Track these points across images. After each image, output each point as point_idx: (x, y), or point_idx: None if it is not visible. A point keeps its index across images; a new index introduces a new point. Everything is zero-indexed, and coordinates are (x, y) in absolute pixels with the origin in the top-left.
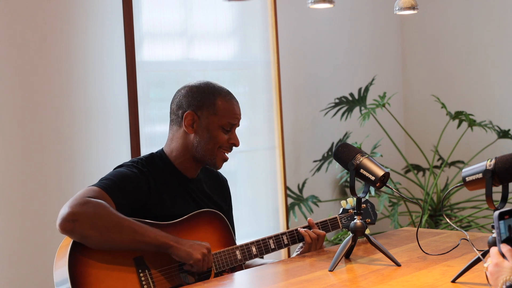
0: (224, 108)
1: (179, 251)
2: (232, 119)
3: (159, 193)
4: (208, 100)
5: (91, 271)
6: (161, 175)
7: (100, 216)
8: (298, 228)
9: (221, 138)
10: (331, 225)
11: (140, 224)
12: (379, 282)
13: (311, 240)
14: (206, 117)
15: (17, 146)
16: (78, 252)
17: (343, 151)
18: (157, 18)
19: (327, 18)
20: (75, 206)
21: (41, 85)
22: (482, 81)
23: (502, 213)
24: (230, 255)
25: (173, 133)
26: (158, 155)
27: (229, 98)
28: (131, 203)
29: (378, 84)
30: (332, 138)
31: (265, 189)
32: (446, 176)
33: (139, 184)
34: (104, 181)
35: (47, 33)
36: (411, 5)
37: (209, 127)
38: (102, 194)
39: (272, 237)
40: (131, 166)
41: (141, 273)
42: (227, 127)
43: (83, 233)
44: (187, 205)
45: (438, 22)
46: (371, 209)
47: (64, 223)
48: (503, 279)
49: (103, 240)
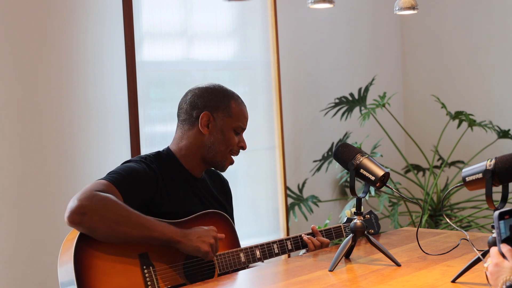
0: (238, 111)
1: (187, 247)
2: (243, 122)
3: (166, 190)
4: (223, 102)
5: (97, 263)
6: (168, 173)
7: (108, 209)
8: (302, 235)
9: (233, 141)
10: (335, 233)
11: (148, 218)
12: (379, 282)
13: (315, 247)
14: (221, 118)
15: (17, 146)
16: (85, 244)
17: (343, 151)
18: (157, 18)
19: (327, 18)
20: (84, 199)
21: (41, 85)
22: (482, 81)
23: (502, 213)
24: (234, 257)
25: (184, 132)
26: (165, 153)
27: (241, 101)
28: (139, 197)
29: (378, 84)
30: (332, 138)
31: (265, 189)
32: (446, 176)
33: (148, 179)
34: (112, 175)
35: (47, 33)
36: (411, 5)
37: (224, 129)
38: (111, 187)
39: (276, 242)
40: (139, 161)
41: (145, 270)
42: (239, 130)
43: (91, 225)
44: (192, 204)
45: (438, 22)
46: (375, 220)
47: (73, 215)
48: (503, 279)
49: (111, 233)
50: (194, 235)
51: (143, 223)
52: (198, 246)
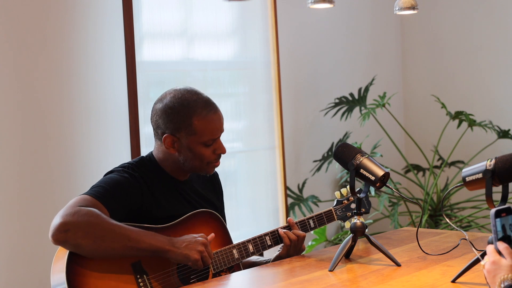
0: (202, 127)
1: (176, 255)
2: (212, 135)
3: (152, 196)
4: (183, 122)
5: (89, 281)
6: (152, 178)
7: (92, 225)
8: (278, 229)
9: (206, 154)
10: (327, 218)
11: (134, 230)
12: (379, 282)
13: (290, 242)
14: (185, 137)
15: (17, 146)
16: (75, 263)
17: (343, 151)
18: (157, 18)
19: (327, 18)
20: (66, 216)
21: (41, 85)
22: (482, 81)
23: (498, 211)
24: (228, 254)
25: (158, 146)
26: (148, 158)
27: (205, 114)
28: (125, 208)
29: (378, 84)
30: (332, 138)
31: (265, 189)
32: (446, 176)
33: (131, 189)
34: (95, 189)
35: (47, 33)
36: (411, 5)
37: (191, 147)
38: (94, 202)
39: (268, 234)
40: (121, 171)
41: (139, 279)
42: (209, 143)
43: (75, 242)
44: (181, 206)
45: (438, 22)
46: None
47: (57, 233)
48: (501, 277)
49: (97, 249)
50: (182, 243)
51: (129, 236)
52: (187, 254)
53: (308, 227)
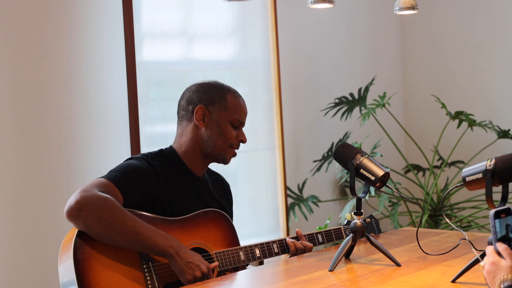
0: (234, 104)
1: (175, 263)
2: (241, 116)
3: (166, 188)
4: (218, 96)
5: (96, 260)
6: (169, 170)
7: (105, 211)
8: (286, 238)
9: (231, 134)
10: (335, 235)
11: (145, 226)
12: (379, 282)
13: (297, 251)
14: (217, 111)
15: (17, 146)
16: (84, 241)
17: (343, 151)
18: (157, 18)
19: (327, 18)
20: (84, 197)
21: (41, 85)
22: (482, 81)
23: (498, 211)
24: (234, 255)
25: (183, 129)
26: (167, 151)
27: (238, 95)
28: (139, 196)
29: (378, 84)
30: (332, 138)
31: (265, 189)
32: (446, 176)
33: (148, 177)
34: (113, 173)
35: (47, 33)
36: (411, 5)
37: (220, 122)
38: (111, 186)
39: (276, 241)
40: (141, 159)
41: (144, 265)
42: (236, 124)
43: (87, 223)
44: (192, 202)
45: (438, 22)
46: (376, 225)
47: (70, 211)
48: (501, 278)
49: (105, 235)
50: (187, 258)
51: (138, 231)
52: (185, 270)
53: (316, 241)
